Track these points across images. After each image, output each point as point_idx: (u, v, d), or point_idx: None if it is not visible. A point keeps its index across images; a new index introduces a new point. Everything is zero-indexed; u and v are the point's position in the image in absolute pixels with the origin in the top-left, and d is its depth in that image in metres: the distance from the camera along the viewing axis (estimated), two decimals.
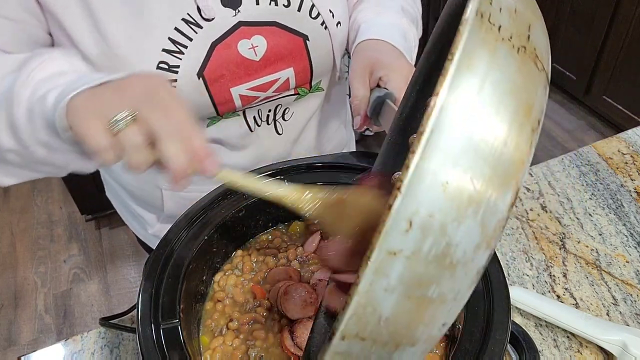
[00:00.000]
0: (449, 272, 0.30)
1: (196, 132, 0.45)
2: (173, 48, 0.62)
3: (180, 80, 0.63)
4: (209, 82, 0.65)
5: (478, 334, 0.52)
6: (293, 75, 0.71)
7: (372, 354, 0.33)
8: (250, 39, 0.66)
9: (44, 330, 1.92)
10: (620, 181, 0.95)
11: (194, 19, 0.62)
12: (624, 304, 0.76)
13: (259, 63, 0.67)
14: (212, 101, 0.67)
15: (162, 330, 0.53)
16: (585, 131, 2.54)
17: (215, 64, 0.65)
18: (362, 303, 0.31)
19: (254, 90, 0.69)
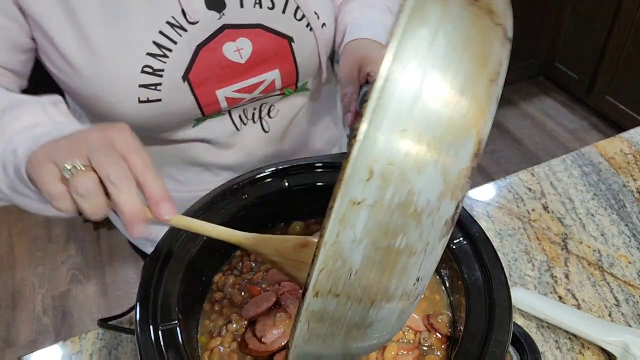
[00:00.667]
0: (414, 221, 0.31)
1: (151, 177, 0.45)
2: (157, 52, 0.62)
3: (164, 83, 0.63)
4: (194, 85, 0.65)
5: (479, 335, 0.51)
6: (279, 77, 0.71)
7: (348, 312, 0.34)
8: (235, 42, 0.66)
9: (42, 332, 1.91)
10: (623, 181, 0.95)
11: (179, 22, 0.62)
12: (626, 305, 0.76)
13: (244, 65, 0.67)
14: (197, 103, 0.67)
15: (160, 332, 0.53)
16: (588, 131, 2.54)
17: (200, 66, 0.65)
18: (330, 255, 0.31)
19: (240, 92, 0.69)
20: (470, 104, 0.30)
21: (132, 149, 0.45)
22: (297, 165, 0.69)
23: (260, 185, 0.68)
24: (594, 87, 2.49)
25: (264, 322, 0.59)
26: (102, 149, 0.43)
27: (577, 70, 2.55)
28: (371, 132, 0.29)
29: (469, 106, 0.30)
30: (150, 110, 0.65)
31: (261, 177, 0.68)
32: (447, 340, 0.59)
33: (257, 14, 0.66)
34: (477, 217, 0.89)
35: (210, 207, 0.65)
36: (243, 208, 0.66)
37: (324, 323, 0.34)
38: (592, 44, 2.38)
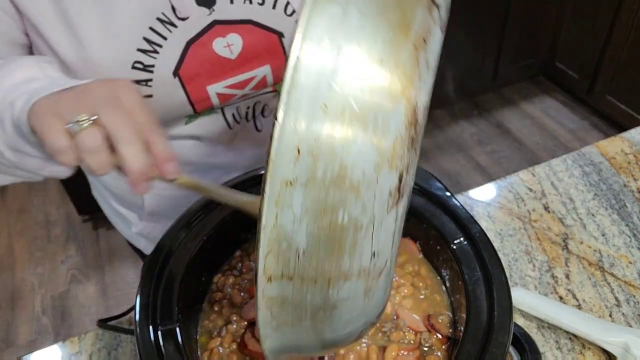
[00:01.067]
0: (353, 195, 0.30)
1: (157, 135, 0.45)
2: (148, 47, 0.62)
3: (155, 79, 0.63)
4: (184, 81, 0.65)
5: (480, 335, 0.51)
6: (270, 73, 0.71)
7: (307, 294, 0.33)
8: (226, 37, 0.66)
9: (42, 332, 1.91)
10: (624, 181, 0.95)
11: (169, 18, 0.62)
12: (626, 305, 0.76)
13: (235, 61, 0.67)
14: (188, 99, 0.67)
15: (160, 332, 0.53)
16: (588, 131, 2.54)
17: (190, 62, 0.65)
18: (273, 238, 0.31)
19: (231, 88, 0.69)
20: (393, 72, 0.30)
21: (139, 106, 0.45)
22: None
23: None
24: (595, 87, 2.49)
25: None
26: (109, 104, 0.43)
27: (577, 69, 2.55)
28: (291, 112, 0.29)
29: (392, 74, 0.30)
30: None
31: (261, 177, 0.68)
32: (447, 341, 0.58)
33: (247, 9, 0.66)
34: (478, 217, 0.88)
35: (210, 207, 0.65)
36: None
37: (286, 308, 0.34)
38: (593, 43, 2.38)
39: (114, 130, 0.43)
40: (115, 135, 0.43)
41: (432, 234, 0.63)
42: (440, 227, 0.61)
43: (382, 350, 0.57)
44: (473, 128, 2.61)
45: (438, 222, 0.62)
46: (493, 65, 2.55)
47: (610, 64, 2.35)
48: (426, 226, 0.63)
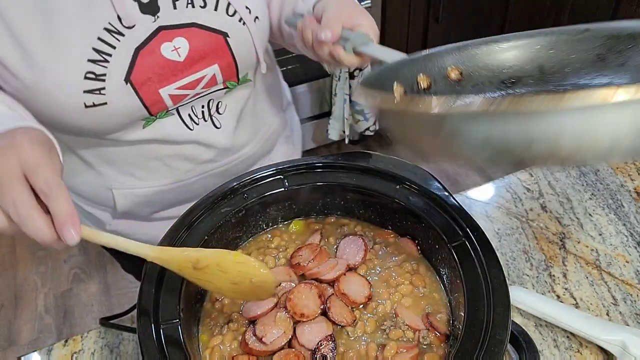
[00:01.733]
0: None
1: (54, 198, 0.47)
2: (98, 57, 0.63)
3: (108, 87, 0.65)
4: (136, 86, 0.67)
5: (478, 333, 0.52)
6: (219, 71, 0.73)
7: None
8: (172, 41, 0.68)
9: (44, 330, 1.92)
10: (620, 181, 0.95)
11: (116, 28, 0.64)
12: (623, 303, 0.76)
13: (183, 63, 0.69)
14: (142, 103, 0.69)
15: (162, 330, 0.53)
16: None
17: (140, 68, 0.66)
18: None
19: (183, 89, 0.71)
20: None
21: (32, 167, 0.48)
22: (297, 165, 0.69)
23: (261, 185, 0.68)
24: None
25: (264, 322, 0.60)
26: (2, 185, 0.46)
27: None
28: None
29: None
30: (98, 114, 0.66)
31: (261, 177, 0.68)
32: (446, 339, 0.59)
33: (190, 13, 0.68)
34: (476, 217, 0.89)
35: (211, 207, 0.66)
36: (243, 208, 0.67)
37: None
38: None
39: (12, 213, 0.46)
40: (14, 218, 0.47)
41: (431, 233, 0.63)
42: (439, 227, 0.62)
43: (381, 348, 0.58)
44: None
45: (437, 221, 0.63)
46: None
47: None
48: (425, 225, 0.64)
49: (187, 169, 0.80)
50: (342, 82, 2.04)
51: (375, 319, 0.61)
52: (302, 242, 0.70)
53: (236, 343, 0.60)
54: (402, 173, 0.67)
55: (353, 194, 0.69)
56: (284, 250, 0.69)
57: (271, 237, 0.72)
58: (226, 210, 0.66)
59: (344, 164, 0.69)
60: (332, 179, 0.69)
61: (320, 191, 0.70)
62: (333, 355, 0.57)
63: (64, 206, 0.47)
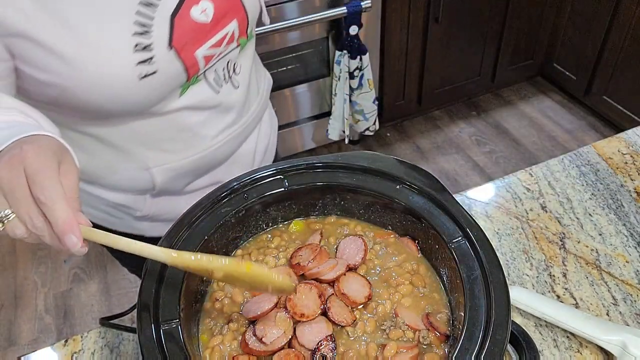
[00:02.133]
0: None
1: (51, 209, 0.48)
2: (141, 30, 0.68)
3: (156, 55, 0.69)
4: (178, 50, 0.71)
5: (478, 334, 0.52)
6: (237, 27, 0.79)
7: None
8: (199, 4, 0.73)
9: (44, 330, 1.92)
10: (620, 181, 0.95)
11: (149, 1, 0.68)
12: (623, 303, 0.76)
13: (211, 23, 0.75)
14: (184, 67, 0.73)
15: (162, 330, 0.53)
16: (586, 131, 2.54)
17: (178, 33, 0.71)
18: None
19: (212, 48, 0.76)
20: None
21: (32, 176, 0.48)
22: (297, 165, 0.69)
23: (261, 185, 0.68)
24: (592, 88, 2.49)
25: (264, 322, 0.60)
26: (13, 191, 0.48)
27: (575, 70, 2.55)
28: None
29: None
30: (150, 84, 0.70)
31: (261, 177, 0.68)
32: (446, 339, 0.59)
33: None
34: (476, 217, 0.89)
35: (211, 206, 0.66)
36: (243, 208, 0.67)
37: None
38: (590, 44, 2.38)
39: (29, 225, 0.48)
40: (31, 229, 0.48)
41: (431, 233, 0.64)
42: (439, 227, 0.62)
43: (381, 348, 0.58)
44: (471, 128, 2.61)
45: (437, 221, 0.63)
46: (491, 66, 2.56)
47: (607, 65, 2.35)
48: (425, 225, 0.64)
49: (213, 134, 0.84)
50: (342, 82, 2.04)
51: (375, 319, 0.61)
52: (302, 242, 0.70)
53: (236, 343, 0.60)
54: (402, 173, 0.67)
55: (353, 194, 0.69)
56: (284, 250, 0.70)
57: (271, 237, 0.72)
58: (226, 210, 0.66)
59: (344, 164, 0.69)
60: (332, 179, 0.69)
61: (320, 191, 0.70)
62: (333, 355, 0.57)
63: (60, 213, 0.48)
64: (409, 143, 2.57)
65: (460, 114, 2.69)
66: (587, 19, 2.37)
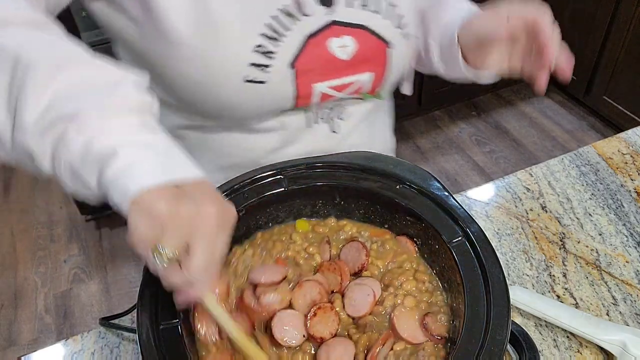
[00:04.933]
0: None
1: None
2: (272, 35, 0.64)
3: (273, 66, 0.65)
4: (298, 74, 0.67)
5: (478, 334, 0.52)
6: (370, 80, 0.73)
7: None
8: (341, 38, 0.68)
9: (44, 330, 1.92)
10: (620, 181, 0.95)
11: (291, 12, 0.65)
12: (624, 304, 0.76)
13: (347, 63, 0.69)
14: (295, 93, 0.68)
15: (162, 330, 0.53)
16: (586, 131, 2.55)
17: (307, 56, 0.67)
18: None
19: (333, 90, 0.71)
20: None
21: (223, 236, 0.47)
22: (297, 165, 0.69)
23: (261, 185, 0.68)
24: (592, 88, 2.49)
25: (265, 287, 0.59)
26: (209, 237, 0.45)
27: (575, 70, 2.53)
28: None
29: None
30: (251, 91, 0.66)
31: (261, 177, 0.68)
32: (445, 340, 0.59)
33: (362, 15, 0.69)
34: (476, 217, 0.89)
35: None
36: (244, 208, 0.67)
37: None
38: (591, 44, 2.38)
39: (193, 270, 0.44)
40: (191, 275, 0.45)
41: (431, 233, 0.63)
42: (439, 227, 0.62)
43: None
44: (471, 128, 2.61)
45: (437, 221, 0.63)
46: None
47: (607, 65, 2.35)
48: (425, 225, 0.64)
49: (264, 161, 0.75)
50: None
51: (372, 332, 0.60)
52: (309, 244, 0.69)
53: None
54: (402, 173, 0.67)
55: (353, 193, 0.69)
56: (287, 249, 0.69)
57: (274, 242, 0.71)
58: None
59: (344, 164, 0.69)
60: (333, 178, 0.69)
61: (320, 191, 0.70)
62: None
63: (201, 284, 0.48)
64: (409, 143, 2.57)
65: (460, 114, 2.69)
66: (586, 19, 2.37)
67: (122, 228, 2.24)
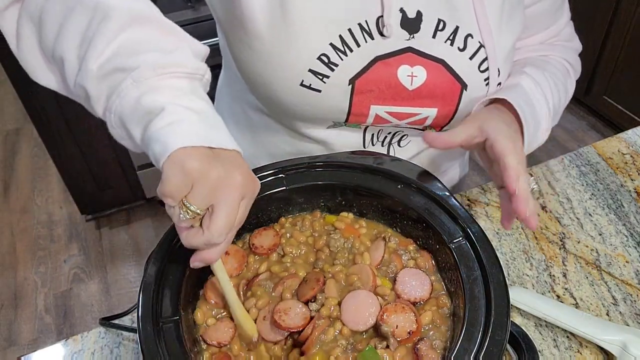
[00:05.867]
0: None
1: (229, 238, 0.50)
2: (339, 46, 0.63)
3: (332, 78, 0.64)
4: (355, 91, 0.65)
5: (477, 334, 0.52)
6: (434, 116, 0.70)
7: None
8: (412, 67, 0.65)
9: (44, 330, 1.92)
10: (620, 181, 0.95)
11: (369, 28, 0.63)
12: (623, 304, 0.76)
13: (410, 93, 0.67)
14: (348, 109, 0.67)
15: (162, 328, 0.53)
16: (586, 131, 2.54)
17: (370, 77, 0.65)
18: None
19: (391, 116, 0.69)
20: None
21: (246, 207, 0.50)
22: (298, 164, 0.69)
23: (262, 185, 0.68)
24: (592, 88, 2.49)
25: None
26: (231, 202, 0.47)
27: None
28: None
29: None
30: (305, 97, 0.65)
31: (263, 176, 0.68)
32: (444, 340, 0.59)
33: (444, 49, 0.66)
34: (476, 217, 0.89)
35: None
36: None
37: None
38: (591, 44, 2.38)
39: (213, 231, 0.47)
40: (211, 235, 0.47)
41: (431, 233, 0.64)
42: (439, 227, 0.62)
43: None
44: None
45: (437, 221, 0.63)
46: None
47: (607, 65, 2.35)
48: (425, 225, 0.64)
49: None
50: None
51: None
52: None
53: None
54: (402, 172, 0.67)
55: (353, 193, 0.69)
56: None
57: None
58: None
59: (345, 163, 0.69)
60: (333, 178, 0.69)
61: (320, 190, 0.70)
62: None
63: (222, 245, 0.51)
64: None
65: None
66: (586, 19, 2.37)
67: (122, 228, 2.24)
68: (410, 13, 0.64)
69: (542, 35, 0.81)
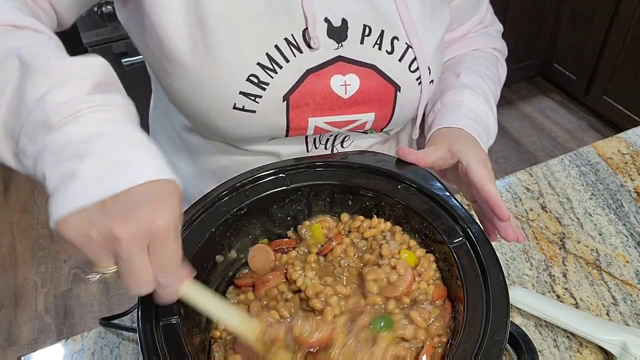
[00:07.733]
0: None
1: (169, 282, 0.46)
2: (268, 65, 0.62)
3: (265, 97, 0.63)
4: (291, 107, 0.65)
5: (477, 334, 0.52)
6: (372, 120, 0.70)
7: None
8: (345, 76, 0.65)
9: (44, 330, 1.92)
10: (620, 181, 0.96)
11: (296, 42, 0.62)
12: (623, 304, 0.76)
13: (346, 101, 0.66)
14: (287, 125, 0.67)
15: (162, 327, 0.53)
16: (586, 131, 2.55)
17: (304, 91, 0.64)
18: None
19: (330, 125, 0.69)
20: None
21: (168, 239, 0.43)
22: (298, 164, 0.69)
23: (262, 184, 0.68)
24: (592, 88, 2.49)
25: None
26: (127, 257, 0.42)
27: (575, 70, 2.55)
28: None
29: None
30: (240, 119, 0.64)
31: (263, 176, 0.68)
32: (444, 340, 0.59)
33: (373, 54, 0.66)
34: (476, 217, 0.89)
35: (212, 204, 0.66)
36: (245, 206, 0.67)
37: None
38: (591, 44, 2.38)
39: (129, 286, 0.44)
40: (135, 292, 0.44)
41: (431, 233, 0.64)
42: (439, 227, 0.62)
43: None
44: None
45: (437, 221, 0.63)
46: None
47: (607, 65, 2.35)
48: (425, 225, 0.64)
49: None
50: None
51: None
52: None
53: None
54: (403, 172, 0.67)
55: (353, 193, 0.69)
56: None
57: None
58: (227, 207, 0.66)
59: (345, 163, 0.69)
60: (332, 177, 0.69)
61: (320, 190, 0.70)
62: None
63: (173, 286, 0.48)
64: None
65: None
66: (587, 19, 2.37)
67: None
68: (335, 22, 0.63)
69: (468, 24, 0.83)
